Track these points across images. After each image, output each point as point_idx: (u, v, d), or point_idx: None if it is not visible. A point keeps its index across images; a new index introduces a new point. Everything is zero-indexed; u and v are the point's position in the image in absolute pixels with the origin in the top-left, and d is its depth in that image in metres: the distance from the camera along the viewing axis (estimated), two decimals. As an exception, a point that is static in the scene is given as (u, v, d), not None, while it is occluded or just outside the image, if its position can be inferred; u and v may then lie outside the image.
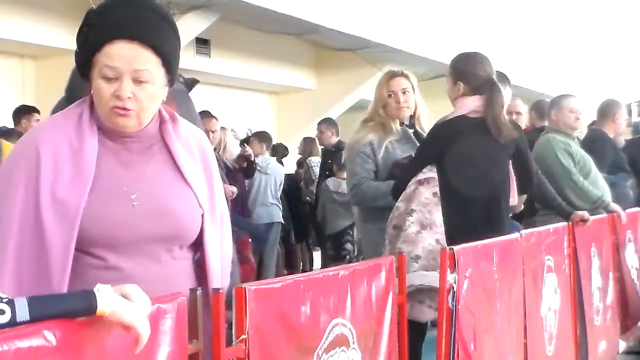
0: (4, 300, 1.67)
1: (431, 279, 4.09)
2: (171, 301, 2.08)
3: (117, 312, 1.76)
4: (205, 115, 7.38)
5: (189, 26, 9.71)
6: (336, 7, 11.26)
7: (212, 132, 7.75)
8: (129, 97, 2.19)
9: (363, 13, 11.83)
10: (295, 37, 12.35)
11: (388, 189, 4.63)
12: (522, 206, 5.14)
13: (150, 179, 2.25)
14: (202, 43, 11.97)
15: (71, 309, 1.73)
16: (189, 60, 10.02)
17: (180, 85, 3.28)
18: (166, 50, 2.25)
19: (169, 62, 2.26)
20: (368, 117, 4.92)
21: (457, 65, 4.55)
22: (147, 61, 2.20)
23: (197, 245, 2.35)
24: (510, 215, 4.79)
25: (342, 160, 9.00)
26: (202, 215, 2.31)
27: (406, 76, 4.89)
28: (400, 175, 4.54)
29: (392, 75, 4.92)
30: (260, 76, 13.19)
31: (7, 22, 9.35)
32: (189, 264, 2.33)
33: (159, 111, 2.33)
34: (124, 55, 2.18)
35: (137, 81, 2.19)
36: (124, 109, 2.19)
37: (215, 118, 8.02)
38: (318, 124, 10.00)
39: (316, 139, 10.19)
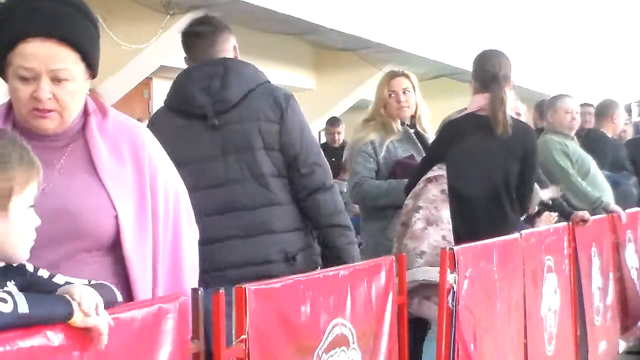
0: (2, 289, 1.68)
1: (434, 274, 4.10)
2: (172, 301, 2.08)
3: (82, 320, 1.75)
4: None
5: (189, 26, 9.70)
6: (336, 7, 11.25)
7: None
8: (48, 98, 2.08)
9: (363, 13, 11.82)
10: (295, 37, 12.33)
11: (389, 188, 4.66)
12: (536, 208, 5.16)
13: (58, 178, 2.12)
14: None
15: (55, 313, 1.73)
16: (189, 60, 10.02)
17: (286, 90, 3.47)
18: (85, 44, 2.13)
19: (89, 56, 2.14)
20: (369, 116, 4.95)
21: (473, 62, 4.61)
22: (65, 59, 2.08)
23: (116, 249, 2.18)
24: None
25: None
26: (117, 217, 2.15)
27: (407, 76, 4.92)
28: (412, 174, 4.56)
29: (393, 75, 4.95)
30: (261, 76, 13.17)
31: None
32: (100, 268, 2.14)
33: (86, 104, 2.21)
34: (40, 55, 2.06)
35: (56, 80, 2.08)
36: (45, 110, 2.09)
37: None
38: (335, 124, 10.05)
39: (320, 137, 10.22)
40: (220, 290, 2.23)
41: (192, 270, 2.38)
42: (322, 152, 3.50)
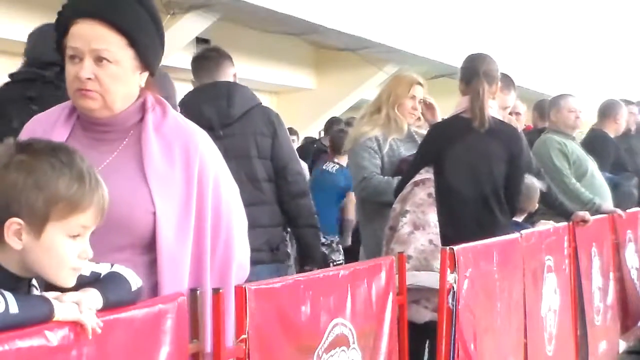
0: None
1: (421, 278, 4.10)
2: (172, 301, 2.08)
3: (63, 316, 1.74)
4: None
5: (189, 26, 9.70)
6: (336, 7, 11.24)
7: None
8: (88, 78, 2.11)
9: (363, 13, 11.82)
10: (295, 37, 12.33)
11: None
12: (537, 205, 5.16)
13: (105, 170, 2.07)
14: (202, 43, 11.93)
15: (39, 312, 1.71)
16: (189, 59, 10.06)
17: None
18: (133, 30, 2.15)
19: (138, 43, 2.16)
20: (374, 109, 4.91)
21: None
22: (107, 40, 2.12)
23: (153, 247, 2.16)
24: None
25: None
26: (154, 214, 2.13)
27: (423, 87, 4.95)
28: (402, 176, 4.56)
29: (416, 82, 4.92)
30: (261, 76, 13.17)
31: (9, 21, 9.34)
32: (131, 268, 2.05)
33: (145, 100, 2.23)
34: (84, 34, 2.12)
35: (98, 60, 2.11)
36: (86, 89, 2.12)
37: None
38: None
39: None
40: (221, 291, 2.23)
41: (241, 278, 2.37)
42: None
